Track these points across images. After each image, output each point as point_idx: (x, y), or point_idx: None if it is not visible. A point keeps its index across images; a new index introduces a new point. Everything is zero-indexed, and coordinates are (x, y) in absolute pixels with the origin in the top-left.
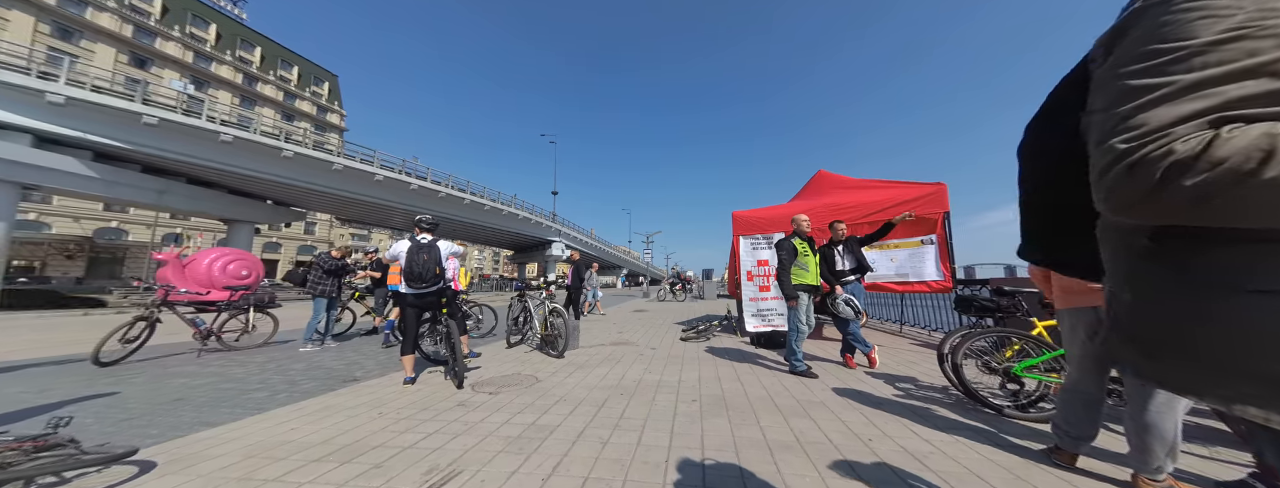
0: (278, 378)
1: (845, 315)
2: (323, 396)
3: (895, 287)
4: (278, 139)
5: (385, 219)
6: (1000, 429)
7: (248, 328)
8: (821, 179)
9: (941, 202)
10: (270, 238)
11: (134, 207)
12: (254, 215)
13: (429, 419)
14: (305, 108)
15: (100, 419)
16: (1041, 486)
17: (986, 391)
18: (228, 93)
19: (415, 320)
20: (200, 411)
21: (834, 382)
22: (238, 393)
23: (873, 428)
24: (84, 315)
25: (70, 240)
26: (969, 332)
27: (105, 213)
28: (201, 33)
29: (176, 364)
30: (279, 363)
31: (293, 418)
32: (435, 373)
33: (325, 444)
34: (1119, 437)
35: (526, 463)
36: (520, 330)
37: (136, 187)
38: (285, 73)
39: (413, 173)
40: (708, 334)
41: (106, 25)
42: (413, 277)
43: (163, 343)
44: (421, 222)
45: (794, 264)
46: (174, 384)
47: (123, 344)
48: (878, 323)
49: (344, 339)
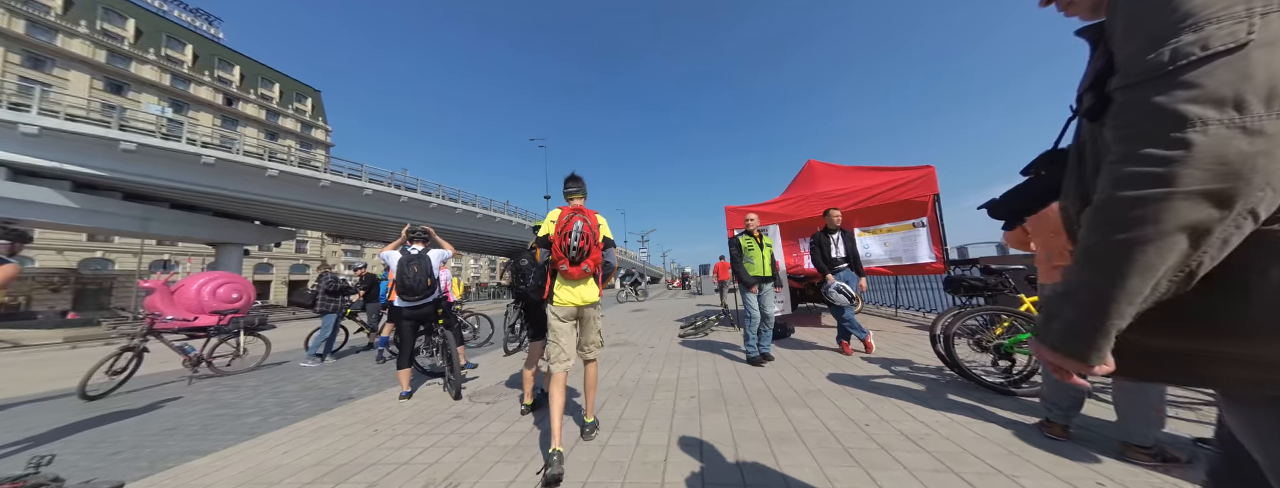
0: (271, 401)
1: (838, 303)
2: (317, 416)
3: (888, 271)
4: (262, 158)
5: (378, 234)
6: (994, 406)
7: (239, 352)
8: (812, 168)
9: (931, 184)
10: (261, 259)
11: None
12: (242, 237)
13: (425, 433)
14: (289, 125)
15: (87, 455)
16: (1034, 459)
17: (980, 369)
18: (208, 114)
19: (411, 334)
20: (191, 439)
21: (830, 369)
22: (230, 418)
23: (870, 413)
24: (72, 349)
25: (55, 273)
26: (960, 311)
27: (89, 243)
28: (177, 54)
29: (167, 393)
30: (273, 385)
31: (286, 441)
32: (432, 386)
33: (319, 465)
34: (1108, 407)
35: (524, 471)
36: (517, 337)
37: (119, 215)
38: (266, 91)
39: (402, 185)
40: (706, 330)
41: (79, 52)
42: (405, 290)
43: (153, 372)
44: (412, 232)
45: (743, 259)
46: (164, 414)
47: (110, 376)
48: (873, 307)
49: (338, 356)
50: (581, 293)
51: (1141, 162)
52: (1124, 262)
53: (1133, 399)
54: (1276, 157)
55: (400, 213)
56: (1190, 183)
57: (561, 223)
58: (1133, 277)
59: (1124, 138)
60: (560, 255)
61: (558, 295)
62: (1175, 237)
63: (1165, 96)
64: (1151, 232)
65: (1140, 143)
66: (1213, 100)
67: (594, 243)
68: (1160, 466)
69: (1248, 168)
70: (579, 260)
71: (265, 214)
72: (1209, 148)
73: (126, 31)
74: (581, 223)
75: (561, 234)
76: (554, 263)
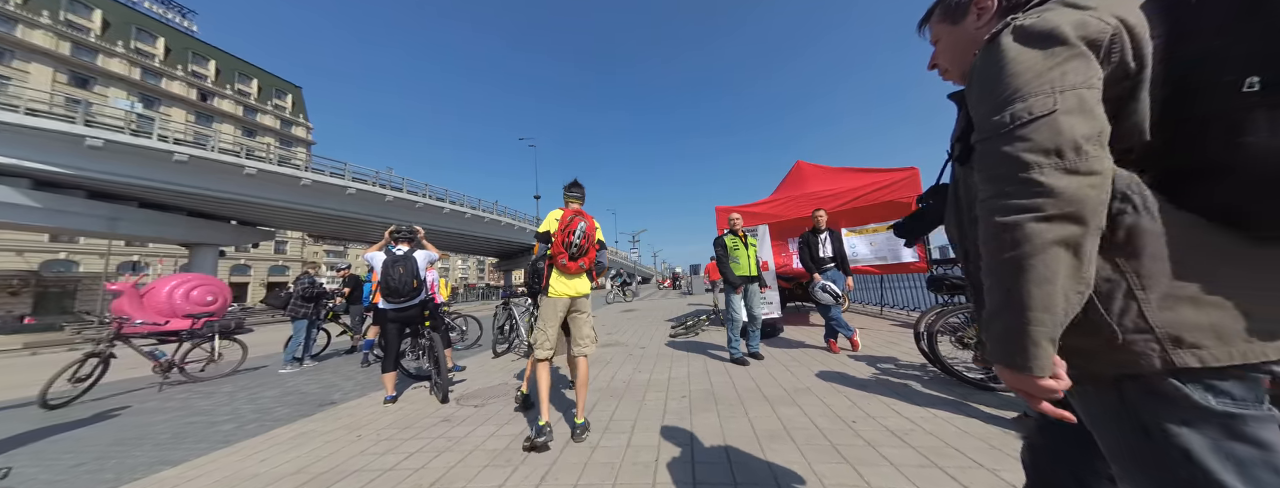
0: (248, 407)
1: (823, 301)
2: (297, 422)
3: (874, 270)
4: (239, 156)
5: (361, 234)
6: (975, 402)
7: (214, 357)
8: (800, 169)
9: (914, 186)
10: (237, 260)
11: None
12: (217, 238)
13: (411, 438)
14: (268, 122)
15: (48, 467)
16: (1014, 453)
17: (962, 365)
18: (181, 110)
19: (396, 337)
20: (160, 448)
21: (819, 367)
22: (203, 426)
23: (857, 410)
24: (32, 355)
25: (13, 276)
26: (942, 309)
27: (52, 244)
28: (148, 47)
29: (135, 401)
30: (249, 391)
31: (264, 448)
32: (418, 390)
33: (299, 474)
34: None
35: (513, 475)
36: (506, 339)
37: (84, 214)
38: (244, 86)
39: (387, 184)
40: (697, 329)
41: (40, 43)
42: (390, 292)
43: (121, 379)
44: (396, 232)
45: (729, 259)
46: (132, 422)
47: (73, 384)
48: (859, 306)
49: (320, 360)
50: (575, 285)
51: (1007, 196)
52: (1019, 274)
53: None
54: (1098, 187)
55: (385, 213)
56: (1046, 208)
57: (565, 221)
58: (1032, 286)
59: (989, 179)
60: (561, 251)
61: (554, 287)
62: (1054, 250)
63: (1010, 147)
64: (1029, 248)
65: (1002, 182)
66: (1041, 150)
67: (592, 243)
68: None
69: (1080, 196)
70: (578, 257)
71: (242, 214)
72: (1048, 182)
73: (93, 23)
74: (584, 224)
75: (565, 232)
76: (553, 257)
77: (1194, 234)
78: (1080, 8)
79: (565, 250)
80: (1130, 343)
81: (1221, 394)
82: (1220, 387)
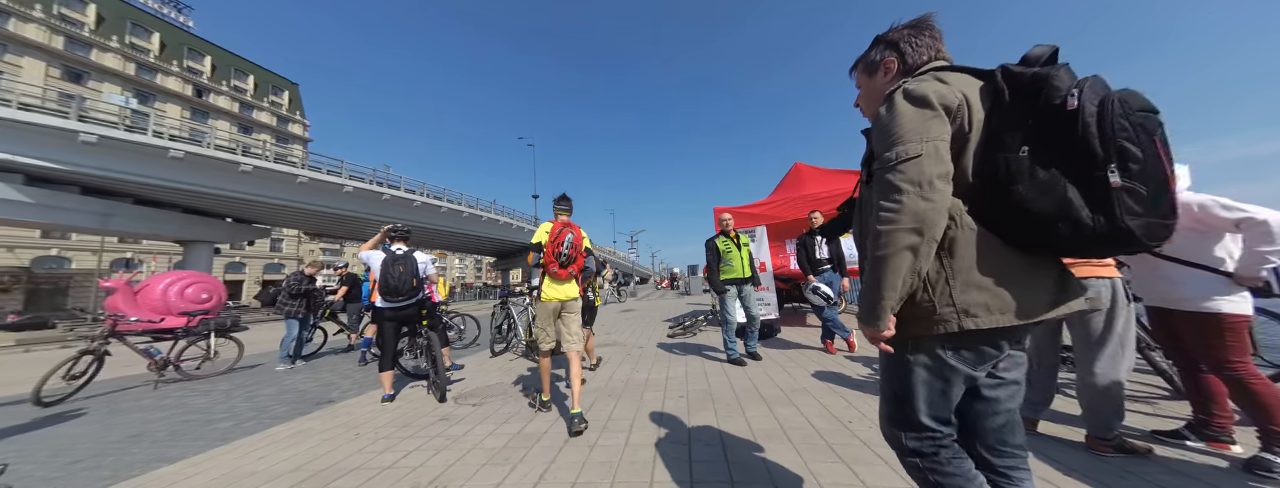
0: (244, 405)
1: (816, 303)
2: (295, 420)
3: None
4: (234, 153)
5: (358, 232)
6: None
7: (209, 355)
8: (798, 171)
9: None
10: (233, 258)
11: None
12: (213, 235)
13: (409, 437)
14: (264, 119)
15: (44, 465)
16: None
17: None
18: (176, 106)
19: (394, 335)
20: (157, 446)
21: (815, 367)
22: (200, 424)
23: (853, 410)
24: (25, 352)
25: (4, 273)
26: None
27: (44, 240)
28: (143, 43)
29: (130, 399)
30: (246, 389)
31: (261, 446)
32: (416, 389)
33: (297, 472)
34: (1073, 401)
35: (512, 473)
36: (504, 338)
37: (77, 210)
38: (240, 83)
39: (385, 182)
40: (694, 329)
41: (33, 37)
42: (389, 290)
43: (116, 376)
44: (394, 231)
45: (720, 262)
46: (128, 420)
47: (67, 381)
48: (855, 307)
49: (316, 358)
50: (565, 290)
51: (884, 210)
52: (884, 265)
53: (1095, 394)
54: (939, 211)
55: (382, 211)
56: (904, 222)
57: (554, 233)
58: (890, 274)
59: (879, 197)
60: (552, 260)
61: (546, 292)
62: (904, 251)
63: (892, 177)
64: (891, 248)
65: (885, 201)
66: (911, 182)
67: (579, 252)
68: (1120, 455)
69: (928, 215)
70: (567, 264)
71: (238, 211)
72: (910, 205)
73: (87, 17)
74: (571, 235)
75: (555, 243)
76: (545, 266)
77: (986, 244)
78: (944, 82)
79: (555, 259)
80: (942, 314)
81: (958, 353)
82: (962, 353)
